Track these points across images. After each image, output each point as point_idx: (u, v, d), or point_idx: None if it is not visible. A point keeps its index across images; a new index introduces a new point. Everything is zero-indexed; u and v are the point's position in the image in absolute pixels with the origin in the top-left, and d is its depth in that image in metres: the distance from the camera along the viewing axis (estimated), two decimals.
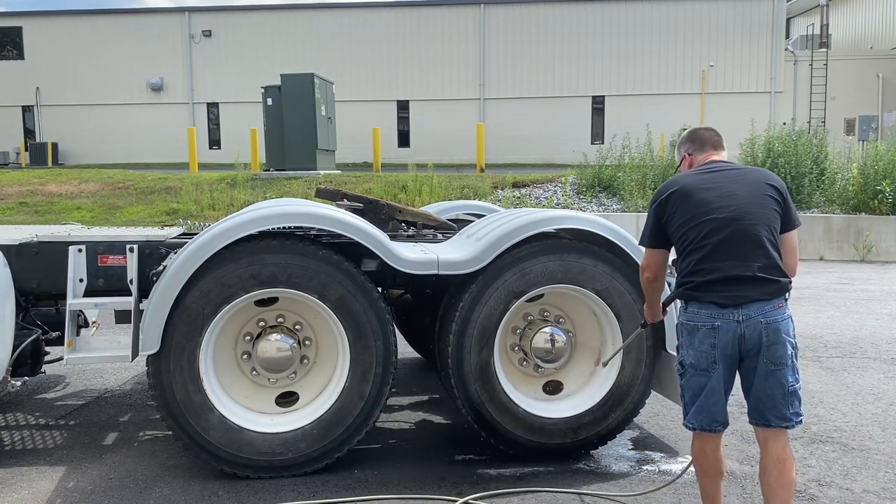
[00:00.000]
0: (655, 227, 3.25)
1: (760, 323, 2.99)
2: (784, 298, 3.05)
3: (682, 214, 3.13)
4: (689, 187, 3.16)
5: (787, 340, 3.03)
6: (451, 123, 28.16)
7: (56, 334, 4.64)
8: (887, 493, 3.88)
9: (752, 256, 3.01)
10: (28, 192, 18.05)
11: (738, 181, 3.14)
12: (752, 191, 3.10)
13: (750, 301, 2.99)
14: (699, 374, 3.09)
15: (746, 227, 3.02)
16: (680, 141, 3.52)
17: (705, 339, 3.04)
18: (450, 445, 4.57)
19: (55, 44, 30.33)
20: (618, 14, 28.63)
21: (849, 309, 9.15)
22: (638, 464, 4.31)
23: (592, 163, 17.92)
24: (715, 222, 3.04)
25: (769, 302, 3.00)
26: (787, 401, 3.06)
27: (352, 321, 3.99)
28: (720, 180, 3.15)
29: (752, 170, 3.27)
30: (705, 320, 3.04)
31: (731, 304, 3.00)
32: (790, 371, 3.05)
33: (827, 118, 26.14)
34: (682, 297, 3.15)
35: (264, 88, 19.16)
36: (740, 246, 3.01)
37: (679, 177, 3.31)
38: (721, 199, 3.08)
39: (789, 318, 3.06)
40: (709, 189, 3.12)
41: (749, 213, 3.04)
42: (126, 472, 4.15)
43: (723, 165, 3.26)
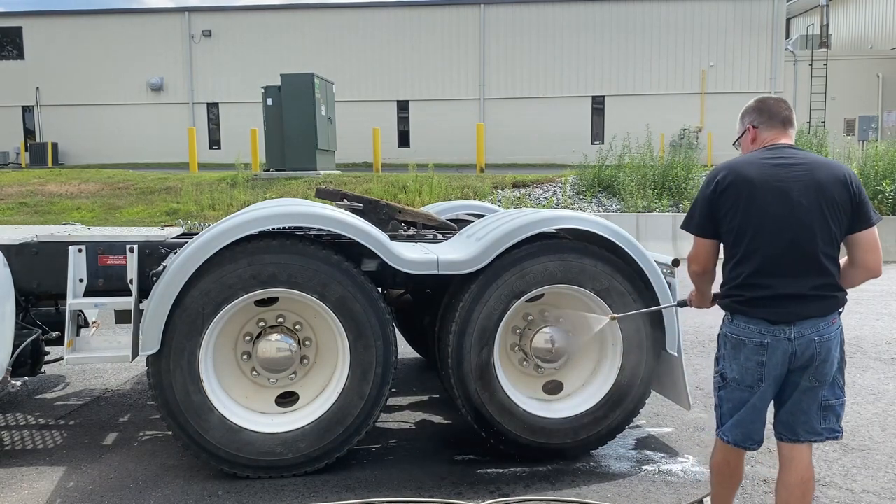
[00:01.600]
0: (708, 216, 2.95)
1: (814, 342, 2.84)
2: (838, 313, 2.92)
3: (740, 214, 2.86)
4: (756, 182, 2.84)
5: (835, 357, 2.90)
6: (451, 123, 28.16)
7: (56, 334, 4.64)
8: (887, 493, 3.88)
9: (807, 274, 2.82)
10: (28, 192, 18.06)
11: (806, 182, 2.83)
12: (818, 197, 2.81)
13: (803, 318, 2.83)
14: (742, 390, 2.94)
15: (804, 242, 2.81)
16: (745, 110, 3.14)
17: (753, 355, 2.88)
18: (450, 445, 4.57)
19: (55, 44, 30.33)
20: (618, 14, 28.63)
21: (849, 309, 9.04)
22: (638, 464, 4.31)
23: (592, 163, 17.92)
24: (772, 234, 2.82)
25: (823, 319, 2.85)
26: (821, 415, 2.93)
27: (352, 321, 3.99)
28: (787, 178, 2.84)
29: (821, 165, 2.90)
30: (754, 336, 2.87)
31: (782, 321, 2.83)
32: (830, 387, 2.92)
33: (827, 118, 26.16)
34: (729, 308, 2.96)
35: (264, 88, 19.16)
36: (795, 263, 2.82)
37: (743, 162, 2.94)
38: (784, 205, 2.81)
39: (840, 331, 2.93)
40: (774, 190, 2.82)
41: (809, 225, 2.80)
42: (126, 472, 4.15)
43: (793, 156, 2.91)
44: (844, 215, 2.85)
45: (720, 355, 3.03)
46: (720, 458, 3.10)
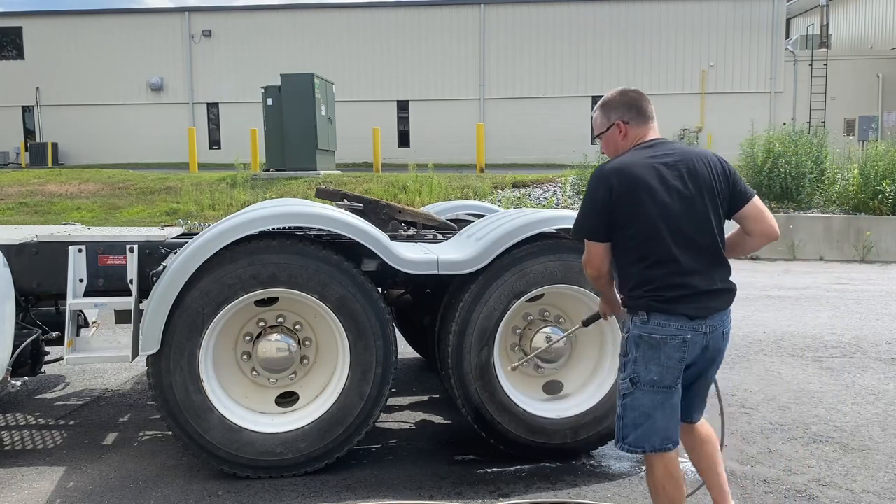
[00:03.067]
0: (603, 221, 2.90)
1: (723, 334, 2.96)
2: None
3: (643, 217, 2.83)
4: (651, 183, 2.83)
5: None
6: (451, 123, 28.17)
7: (56, 334, 4.64)
8: (887, 493, 3.88)
9: (714, 267, 2.90)
10: (28, 192, 18.06)
11: (693, 176, 2.87)
12: (705, 189, 2.87)
13: (716, 311, 2.90)
14: (658, 391, 2.87)
15: (705, 236, 2.87)
16: (610, 104, 3.07)
17: (675, 353, 2.85)
18: (450, 445, 4.57)
19: (55, 44, 30.34)
20: (618, 14, 28.64)
21: (849, 309, 9.15)
22: (638, 464, 4.31)
23: (592, 163, 17.92)
24: (678, 232, 2.83)
25: (727, 310, 2.97)
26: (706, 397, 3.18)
27: (352, 321, 3.99)
28: (677, 175, 2.86)
29: (698, 156, 2.95)
30: (675, 333, 2.84)
31: (700, 315, 2.86)
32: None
33: (827, 118, 26.15)
34: (646, 308, 2.87)
35: (264, 88, 19.17)
36: (703, 258, 2.87)
37: (631, 164, 2.90)
38: (681, 201, 2.84)
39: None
40: (670, 188, 2.83)
41: (706, 219, 2.87)
42: (126, 472, 4.15)
43: (674, 151, 2.94)
44: (725, 201, 2.95)
45: (631, 359, 2.92)
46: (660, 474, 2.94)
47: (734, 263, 3.02)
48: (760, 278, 11.98)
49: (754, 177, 16.76)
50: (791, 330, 7.92)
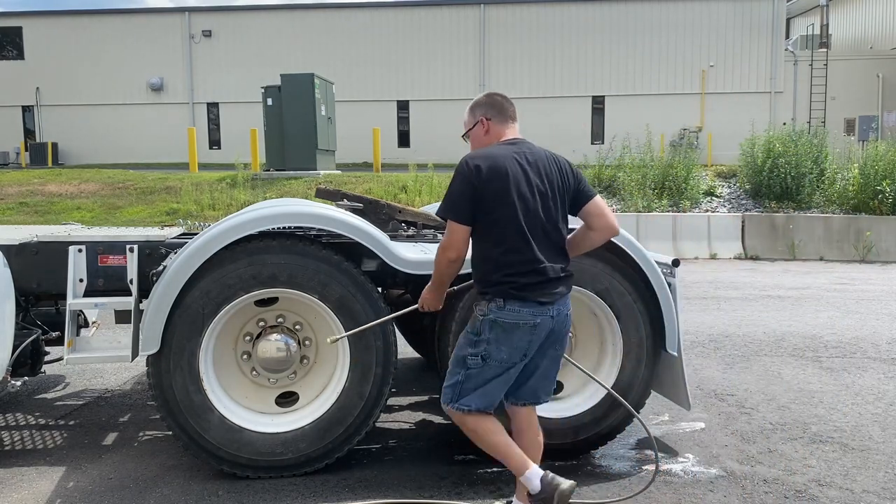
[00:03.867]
0: (469, 204, 3.09)
1: (566, 316, 3.25)
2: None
3: (503, 205, 3.09)
4: (513, 175, 3.11)
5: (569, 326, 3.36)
6: (451, 123, 27.99)
7: (56, 334, 4.64)
8: (887, 493, 3.88)
9: (559, 257, 3.21)
10: (28, 192, 18.06)
11: (547, 173, 3.20)
12: (555, 186, 3.20)
13: (561, 297, 3.19)
14: (503, 368, 3.18)
15: (554, 228, 3.19)
16: (475, 103, 3.38)
17: (525, 336, 3.14)
18: (450, 445, 4.57)
19: (55, 44, 30.33)
20: (618, 14, 28.62)
21: (849, 309, 9.15)
22: (638, 464, 4.31)
23: (592, 163, 17.92)
24: (533, 223, 3.12)
25: (568, 295, 3.26)
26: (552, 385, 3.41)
27: (352, 321, 3.99)
28: (534, 171, 3.17)
29: (550, 157, 3.28)
30: (528, 318, 3.11)
31: (549, 301, 3.14)
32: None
33: (827, 118, 26.14)
34: (503, 295, 3.11)
35: (264, 88, 19.16)
36: (551, 248, 3.18)
37: (497, 155, 3.16)
38: (537, 195, 3.15)
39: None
40: (528, 182, 3.13)
41: (555, 213, 3.19)
42: (126, 472, 4.15)
43: (532, 150, 3.25)
44: (570, 198, 3.26)
45: (484, 339, 3.16)
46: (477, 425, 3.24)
47: (735, 264, 3.04)
48: (760, 278, 11.98)
49: (754, 177, 16.78)
50: (791, 330, 7.92)
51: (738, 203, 16.72)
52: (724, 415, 5.16)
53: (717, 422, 5.02)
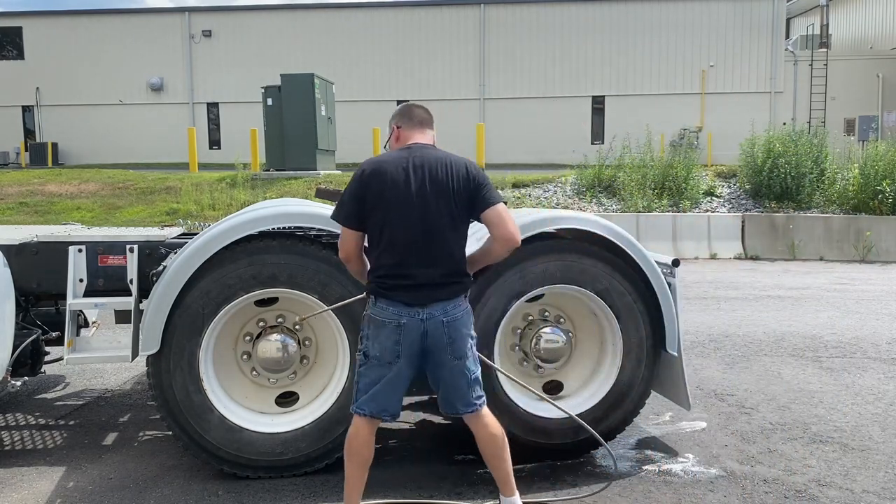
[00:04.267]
0: (355, 209, 3.22)
1: (442, 322, 3.18)
2: (465, 296, 3.28)
3: (381, 209, 3.17)
4: (392, 178, 3.17)
5: (466, 334, 3.26)
6: (451, 123, 28.08)
7: (56, 334, 4.64)
8: (887, 493, 3.88)
9: (437, 263, 3.18)
10: (28, 192, 18.06)
11: (431, 177, 3.18)
12: (441, 191, 3.17)
13: (434, 301, 3.17)
14: (381, 366, 3.22)
15: (434, 233, 3.16)
16: (392, 114, 3.49)
17: (391, 335, 3.18)
18: (450, 445, 4.57)
19: (55, 44, 30.33)
20: (618, 14, 28.63)
21: (849, 309, 9.15)
22: (638, 464, 4.31)
23: (592, 163, 17.92)
24: (408, 227, 3.14)
25: (451, 301, 3.21)
26: (471, 387, 3.30)
27: (351, 321, 3.98)
28: (417, 175, 3.18)
29: (443, 160, 3.26)
30: (392, 318, 3.17)
31: (417, 303, 3.16)
32: (471, 361, 3.29)
33: (827, 118, 26.15)
34: (374, 293, 3.23)
35: (264, 88, 19.16)
36: (429, 253, 3.17)
37: (384, 160, 3.27)
38: (418, 198, 3.15)
39: (467, 312, 3.28)
40: (406, 185, 3.15)
41: (438, 218, 3.16)
42: (126, 472, 4.15)
43: (422, 154, 3.26)
44: (465, 204, 3.21)
45: (363, 335, 3.29)
46: (352, 430, 3.30)
47: (735, 264, 3.03)
48: (760, 278, 11.98)
49: (754, 177, 16.78)
50: (791, 330, 7.92)
51: (738, 203, 16.72)
52: (724, 415, 5.16)
53: (717, 422, 5.02)
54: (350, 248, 3.28)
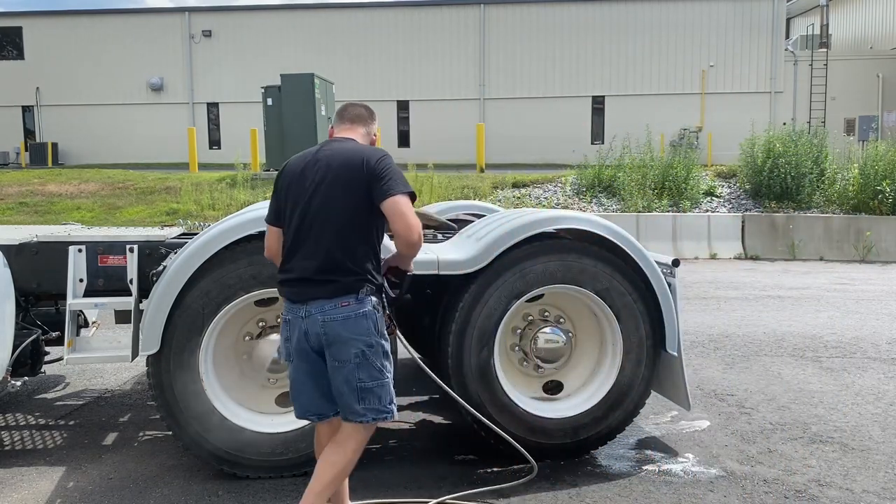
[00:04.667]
0: (273, 205, 3.23)
1: (319, 321, 2.99)
2: (354, 297, 2.99)
3: (282, 202, 3.15)
4: (292, 173, 3.15)
5: (352, 339, 2.98)
6: (451, 123, 28.15)
7: (56, 334, 4.64)
8: (887, 493, 3.88)
9: (316, 257, 3.01)
10: (28, 192, 18.05)
11: (326, 171, 3.06)
12: (334, 183, 3.03)
13: (312, 299, 3.01)
14: (289, 364, 3.18)
15: (318, 227, 3.02)
16: None
17: (283, 331, 3.14)
18: (450, 445, 4.57)
19: (55, 44, 30.32)
20: (618, 14, 28.61)
21: (849, 309, 9.15)
22: (638, 464, 4.31)
23: (592, 163, 17.92)
24: (295, 221, 3.06)
25: (329, 301, 2.99)
26: (357, 397, 3.04)
27: None
28: (313, 168, 3.09)
29: (344, 152, 3.11)
30: (285, 314, 3.12)
31: (298, 300, 3.05)
32: (360, 369, 3.01)
33: (827, 118, 26.14)
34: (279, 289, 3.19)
35: (264, 88, 19.16)
36: (309, 247, 3.03)
37: (297, 157, 3.25)
38: (305, 193, 3.06)
39: (358, 315, 2.99)
40: (301, 179, 3.09)
41: (325, 211, 3.02)
42: (126, 472, 4.15)
43: (330, 147, 3.17)
44: (362, 196, 3.02)
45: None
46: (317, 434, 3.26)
47: (735, 264, 3.03)
48: (760, 278, 11.98)
49: (754, 177, 16.79)
50: (791, 330, 7.92)
51: (738, 203, 16.72)
52: (724, 415, 5.16)
53: (717, 422, 5.02)
54: (269, 244, 3.25)
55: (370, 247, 3.07)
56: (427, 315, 4.99)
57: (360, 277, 3.02)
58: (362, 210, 3.03)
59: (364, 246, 3.05)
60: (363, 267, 3.03)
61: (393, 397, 3.13)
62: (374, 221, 3.06)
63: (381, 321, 3.08)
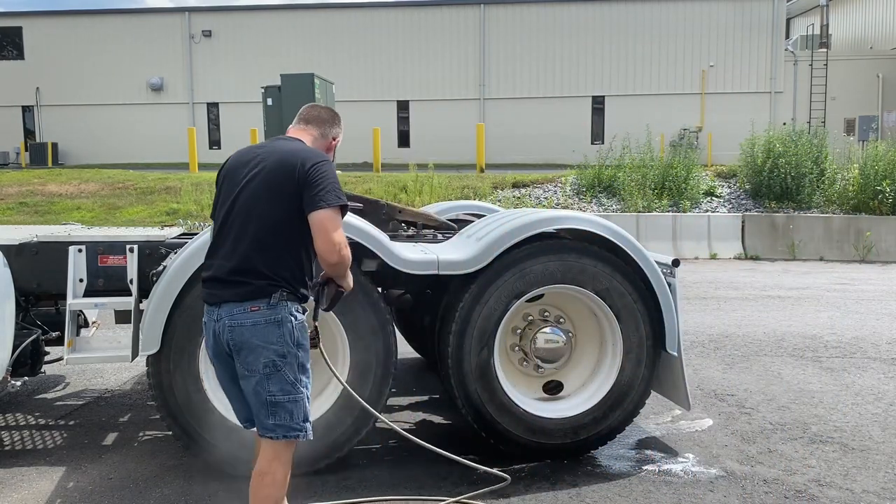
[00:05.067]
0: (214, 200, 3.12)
1: (228, 327, 2.83)
2: (266, 302, 2.80)
3: (218, 195, 3.04)
4: (233, 166, 3.02)
5: (261, 347, 2.80)
6: (451, 123, 28.15)
7: (56, 334, 4.64)
8: (887, 493, 3.88)
9: (232, 258, 2.84)
10: (28, 192, 18.05)
11: (258, 170, 2.90)
12: (262, 184, 2.87)
13: (224, 301, 2.84)
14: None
15: (238, 228, 2.86)
16: None
17: (203, 333, 3.01)
18: (450, 445, 4.56)
19: (55, 44, 30.32)
20: (618, 14, 28.62)
21: (849, 309, 9.15)
22: (638, 464, 4.31)
23: (592, 163, 17.92)
24: (219, 219, 2.94)
25: (239, 305, 2.81)
26: (268, 411, 2.84)
27: (352, 321, 3.99)
28: (245, 166, 2.94)
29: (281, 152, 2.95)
30: (204, 315, 2.98)
31: (211, 301, 2.90)
32: (271, 381, 2.81)
33: (827, 118, 26.14)
34: None
35: (264, 88, 19.16)
36: (227, 247, 2.87)
37: (236, 153, 3.13)
38: (232, 192, 2.92)
39: (269, 322, 2.80)
40: (232, 177, 2.96)
41: (248, 212, 2.86)
42: (126, 472, 4.15)
43: (270, 146, 3.06)
44: (289, 200, 2.84)
45: None
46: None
47: (735, 264, 3.03)
48: (760, 278, 11.98)
49: (754, 177, 16.79)
50: (791, 330, 7.92)
51: (738, 203, 16.73)
52: (724, 415, 5.16)
53: (717, 422, 5.02)
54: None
55: (293, 253, 2.87)
56: (427, 315, 4.99)
57: (274, 283, 2.82)
58: (288, 215, 2.84)
59: (286, 252, 2.85)
60: (279, 273, 2.83)
61: (307, 415, 2.90)
62: (303, 228, 2.84)
63: (300, 331, 2.88)
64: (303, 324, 2.91)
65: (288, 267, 2.86)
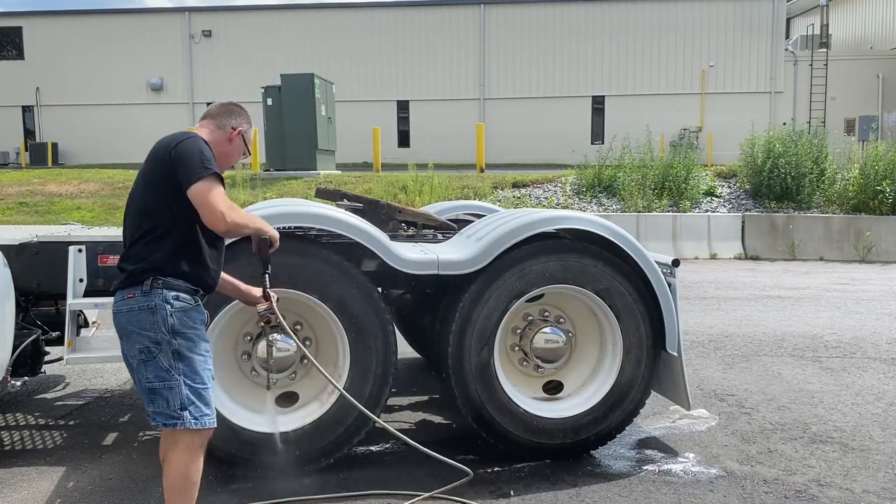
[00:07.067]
0: None
1: (112, 312, 2.94)
2: (139, 288, 2.85)
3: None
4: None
5: (136, 333, 2.85)
6: (451, 123, 28.17)
7: (56, 334, 4.64)
8: (887, 493, 3.88)
9: (130, 246, 2.95)
10: (28, 192, 18.05)
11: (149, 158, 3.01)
12: (149, 170, 2.97)
13: (116, 289, 2.95)
14: None
15: (128, 215, 3.01)
16: None
17: None
18: (450, 445, 4.56)
19: (55, 44, 30.35)
20: (618, 14, 28.64)
21: (849, 309, 9.15)
22: (638, 464, 4.31)
23: (592, 163, 17.92)
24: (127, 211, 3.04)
25: (122, 291, 2.91)
26: (147, 398, 2.88)
27: (352, 321, 3.99)
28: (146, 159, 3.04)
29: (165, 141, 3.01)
30: None
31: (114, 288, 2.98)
32: (147, 367, 2.84)
33: (827, 118, 26.16)
34: None
35: (264, 88, 19.16)
36: (126, 235, 3.00)
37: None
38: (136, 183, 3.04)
39: (143, 308, 2.84)
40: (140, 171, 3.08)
41: (134, 199, 2.99)
42: (126, 472, 4.15)
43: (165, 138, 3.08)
44: (161, 185, 2.90)
45: None
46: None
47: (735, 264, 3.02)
48: (760, 278, 11.99)
49: (754, 177, 16.79)
50: (791, 330, 7.92)
51: (738, 203, 16.73)
52: (724, 415, 5.16)
53: (717, 422, 5.02)
54: None
55: (169, 239, 2.89)
56: (427, 315, 4.99)
57: (145, 269, 2.86)
58: (165, 201, 2.88)
59: (160, 238, 2.88)
60: (151, 259, 2.86)
61: (185, 403, 2.85)
62: (181, 212, 2.87)
63: (178, 319, 2.86)
64: (184, 311, 2.90)
65: (163, 252, 2.88)
